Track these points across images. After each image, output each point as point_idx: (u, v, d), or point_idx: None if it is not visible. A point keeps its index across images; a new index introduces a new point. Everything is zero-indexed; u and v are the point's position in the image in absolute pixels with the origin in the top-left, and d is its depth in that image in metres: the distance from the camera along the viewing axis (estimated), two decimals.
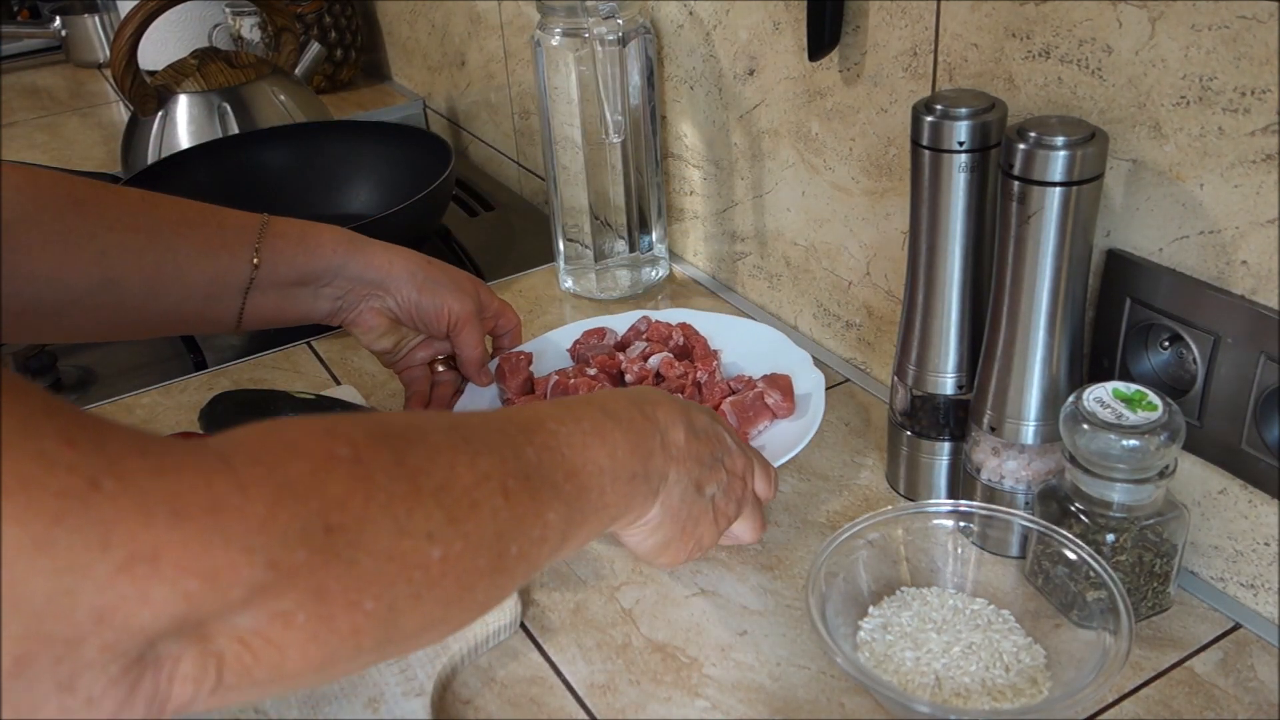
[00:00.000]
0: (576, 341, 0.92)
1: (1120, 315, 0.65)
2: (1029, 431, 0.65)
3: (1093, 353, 0.68)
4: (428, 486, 0.43)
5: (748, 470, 0.65)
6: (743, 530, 0.67)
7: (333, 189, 1.22)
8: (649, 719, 0.61)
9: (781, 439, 0.79)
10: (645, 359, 0.87)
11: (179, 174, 1.17)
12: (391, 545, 0.40)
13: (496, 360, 0.89)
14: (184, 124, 1.28)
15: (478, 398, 0.86)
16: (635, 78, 0.95)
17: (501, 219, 1.29)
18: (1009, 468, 0.67)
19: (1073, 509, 0.63)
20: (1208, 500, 0.65)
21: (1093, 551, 0.60)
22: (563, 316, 1.02)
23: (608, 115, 0.94)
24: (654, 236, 1.04)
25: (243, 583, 0.35)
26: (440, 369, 0.88)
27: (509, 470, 0.47)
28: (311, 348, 1.00)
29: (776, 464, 0.75)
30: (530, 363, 0.88)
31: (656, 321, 0.92)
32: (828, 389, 0.84)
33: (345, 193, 1.22)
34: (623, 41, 0.92)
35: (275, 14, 1.38)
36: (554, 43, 0.94)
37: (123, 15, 1.22)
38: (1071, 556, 0.61)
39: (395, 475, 0.42)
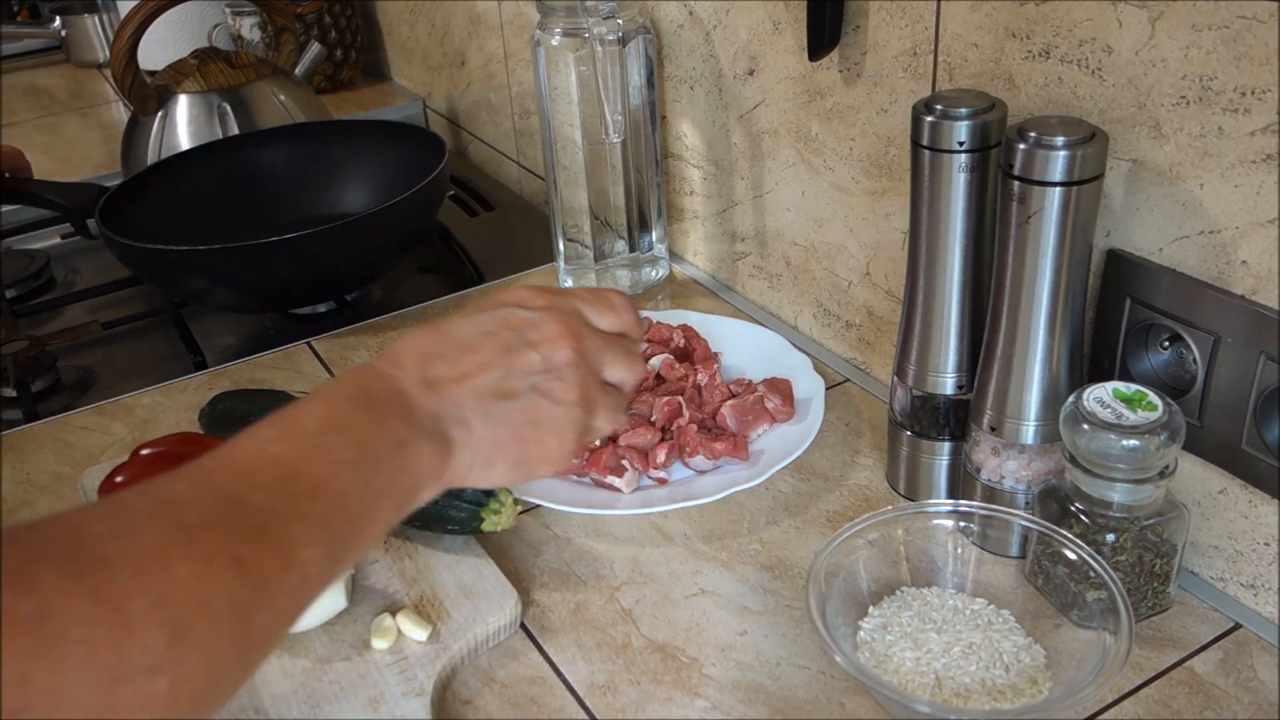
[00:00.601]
0: None
1: (1120, 315, 0.65)
2: (1029, 431, 0.65)
3: (1093, 353, 0.68)
4: (140, 609, 0.36)
5: (568, 324, 0.55)
6: (615, 374, 0.57)
7: (329, 187, 1.22)
8: (649, 719, 0.61)
9: (781, 443, 0.79)
10: (646, 360, 0.87)
11: (177, 175, 1.17)
12: (102, 699, 0.34)
13: None
14: (184, 124, 1.28)
15: None
16: (635, 78, 0.95)
17: (501, 219, 1.29)
18: (1009, 468, 0.67)
19: (1073, 509, 0.63)
20: (1208, 500, 0.65)
21: (1093, 551, 0.60)
22: None
23: (608, 115, 0.94)
24: (654, 236, 1.04)
25: None
26: None
27: (236, 535, 0.41)
28: (311, 348, 1.00)
29: (775, 469, 0.75)
30: None
31: (658, 323, 0.92)
32: (827, 389, 0.84)
33: (341, 191, 1.22)
34: (623, 41, 0.92)
35: (275, 14, 1.38)
36: (554, 43, 0.94)
37: (123, 15, 1.22)
38: (1071, 556, 0.61)
39: (95, 616, 0.35)
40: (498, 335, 0.54)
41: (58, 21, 1.93)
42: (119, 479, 0.72)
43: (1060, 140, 0.58)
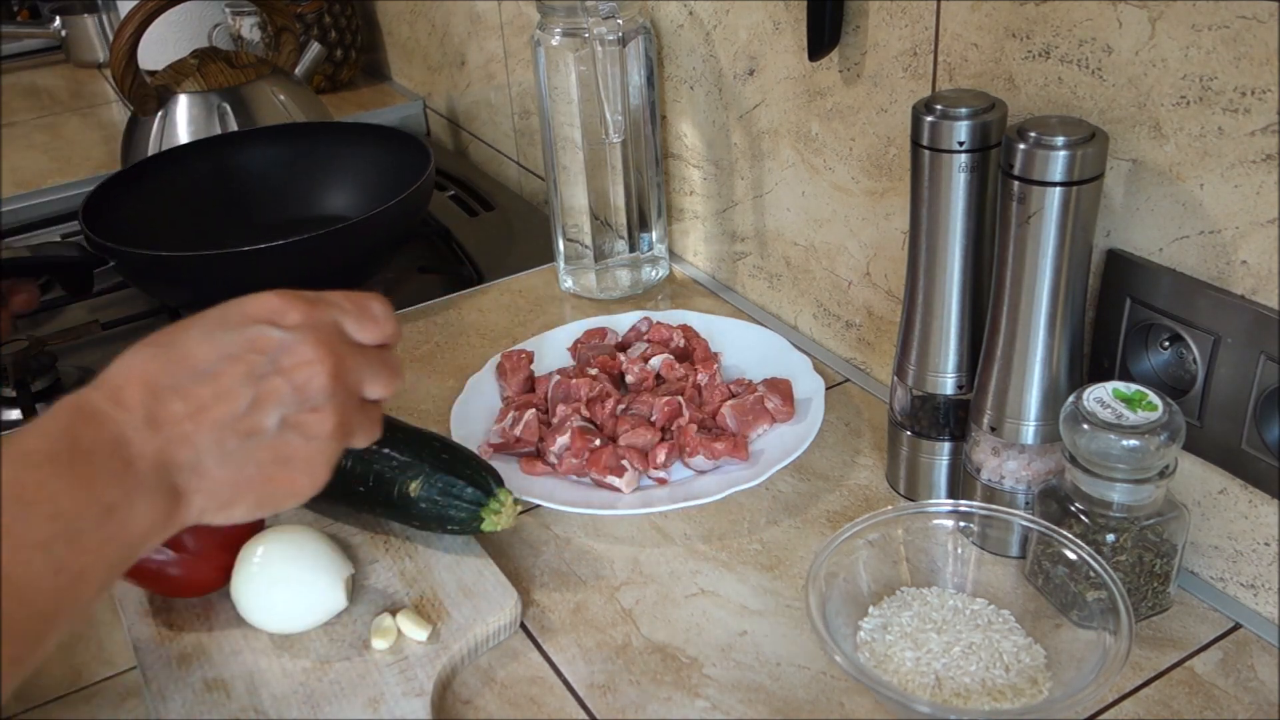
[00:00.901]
0: (577, 341, 0.92)
1: (1120, 315, 0.65)
2: (1029, 431, 0.65)
3: (1093, 353, 0.68)
4: None
5: (326, 344, 0.48)
6: (375, 391, 0.52)
7: (317, 189, 1.21)
8: (649, 719, 0.61)
9: (781, 443, 0.79)
10: (646, 360, 0.87)
11: (164, 172, 1.16)
12: None
13: (498, 358, 0.89)
14: (184, 124, 1.28)
15: (478, 397, 0.86)
16: (635, 78, 0.95)
17: (501, 219, 1.29)
18: (1009, 468, 0.67)
19: (1073, 509, 0.63)
20: (1208, 500, 0.65)
21: (1093, 551, 0.60)
22: (563, 316, 1.02)
23: (608, 115, 0.94)
24: (654, 236, 1.04)
25: None
26: None
27: None
28: None
29: (775, 469, 0.75)
30: (531, 361, 0.88)
31: (658, 323, 0.92)
32: (827, 389, 0.84)
33: (329, 194, 1.22)
34: (623, 41, 0.92)
35: (275, 14, 1.38)
36: (554, 43, 0.94)
37: (123, 15, 1.22)
38: (1071, 556, 0.61)
39: None
40: (243, 360, 0.47)
41: (58, 21, 1.93)
42: None
43: (1060, 140, 0.58)
